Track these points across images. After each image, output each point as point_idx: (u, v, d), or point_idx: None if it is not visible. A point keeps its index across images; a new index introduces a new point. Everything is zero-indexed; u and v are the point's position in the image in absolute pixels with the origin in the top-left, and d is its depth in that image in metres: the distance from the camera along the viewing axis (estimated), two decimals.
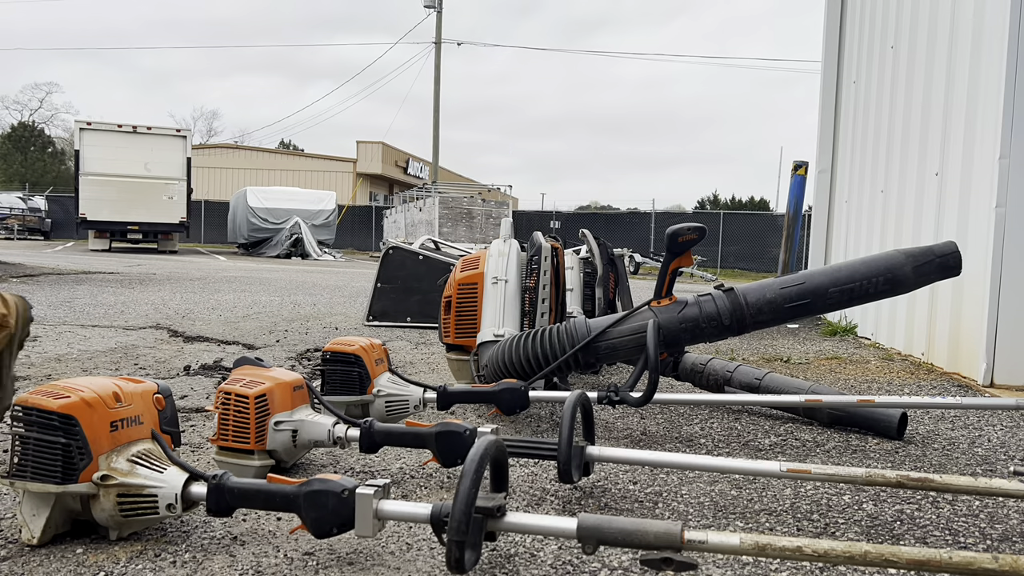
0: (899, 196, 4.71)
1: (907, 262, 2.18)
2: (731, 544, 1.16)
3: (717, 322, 2.25)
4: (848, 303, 2.25)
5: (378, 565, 1.37)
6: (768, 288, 2.27)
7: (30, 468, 1.38)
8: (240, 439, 1.75)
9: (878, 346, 4.79)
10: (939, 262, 2.17)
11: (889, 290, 2.20)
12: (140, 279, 8.81)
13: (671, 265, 2.29)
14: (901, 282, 2.18)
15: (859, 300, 2.23)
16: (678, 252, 2.25)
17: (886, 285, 2.18)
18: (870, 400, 2.34)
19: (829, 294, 2.20)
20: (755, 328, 2.30)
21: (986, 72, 3.51)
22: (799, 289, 2.23)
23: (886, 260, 2.21)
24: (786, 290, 2.24)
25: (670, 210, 29.17)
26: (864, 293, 2.20)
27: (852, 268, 2.22)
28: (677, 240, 2.22)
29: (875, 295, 2.21)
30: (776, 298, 2.24)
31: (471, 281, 2.81)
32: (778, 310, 2.24)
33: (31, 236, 27.18)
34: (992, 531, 1.61)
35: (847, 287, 2.19)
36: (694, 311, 2.26)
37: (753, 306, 2.24)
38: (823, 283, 2.22)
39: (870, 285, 2.19)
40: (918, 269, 2.17)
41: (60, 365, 3.30)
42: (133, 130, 18.51)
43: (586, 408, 1.87)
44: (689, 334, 2.28)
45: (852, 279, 2.19)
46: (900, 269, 2.17)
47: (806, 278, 2.25)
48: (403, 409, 2.28)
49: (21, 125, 47.79)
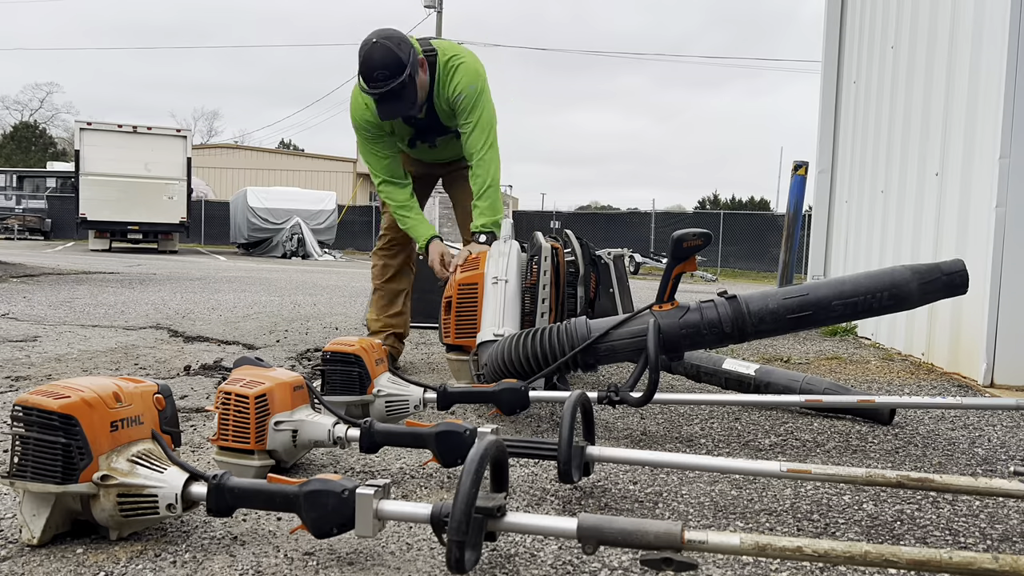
0: (899, 196, 4.71)
1: (912, 279, 2.16)
2: (731, 544, 1.16)
3: (718, 329, 2.24)
4: (851, 317, 2.24)
5: (378, 565, 1.37)
6: (771, 298, 2.25)
7: (30, 468, 1.38)
8: (240, 439, 1.75)
9: (878, 346, 4.80)
10: (945, 280, 2.16)
11: (893, 305, 2.19)
12: (140, 279, 8.81)
13: (675, 270, 2.27)
14: (905, 298, 2.17)
15: (863, 314, 2.22)
16: (682, 257, 2.23)
17: (890, 301, 2.17)
18: (870, 400, 2.35)
19: (832, 307, 2.19)
20: (756, 337, 2.30)
21: (986, 72, 3.51)
22: (801, 300, 2.21)
23: (891, 276, 2.19)
24: (789, 300, 2.22)
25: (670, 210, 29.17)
26: (868, 307, 2.19)
27: (856, 282, 2.21)
28: (682, 245, 2.20)
29: (879, 310, 2.20)
30: (778, 308, 2.23)
31: (471, 281, 2.81)
32: (780, 320, 2.23)
33: (31, 236, 27.18)
34: (992, 531, 1.61)
35: (851, 301, 2.18)
36: (695, 317, 2.25)
37: (755, 315, 2.23)
38: (827, 295, 2.20)
39: (874, 300, 2.17)
40: (924, 287, 2.16)
41: (60, 365, 3.30)
42: (133, 130, 18.52)
43: (586, 408, 1.87)
44: (689, 340, 2.27)
45: (856, 293, 2.18)
46: (905, 286, 2.16)
47: (810, 290, 2.23)
48: (403, 409, 2.28)
49: (24, 125, 47.77)
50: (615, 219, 27.33)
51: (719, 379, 2.87)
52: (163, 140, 18.85)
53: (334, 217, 23.19)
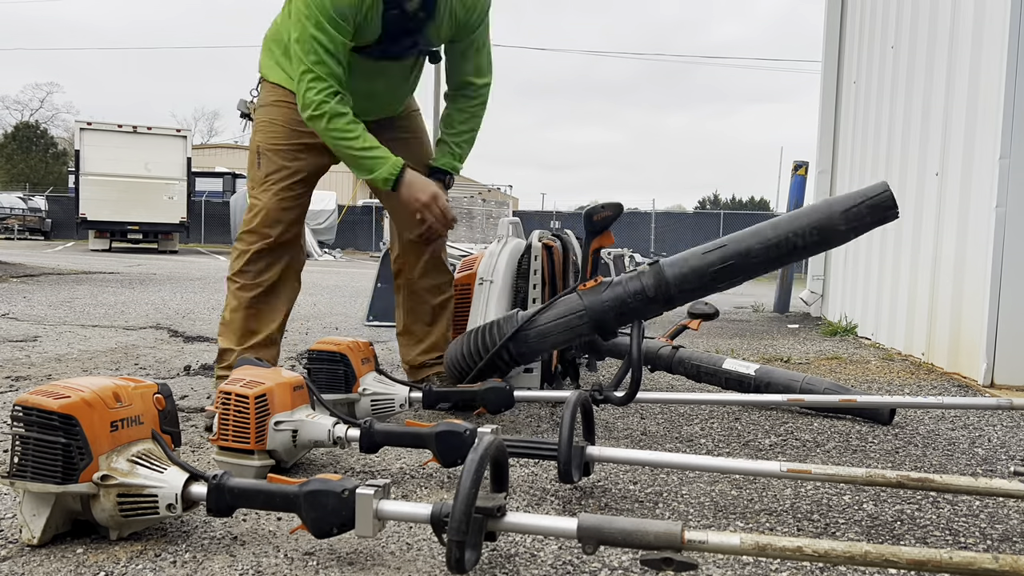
0: (899, 196, 4.68)
1: (836, 207, 2.05)
2: (731, 544, 1.16)
3: (642, 295, 2.18)
4: (777, 261, 2.11)
5: (378, 565, 1.37)
6: (692, 255, 2.17)
7: (30, 468, 1.38)
8: (240, 439, 1.75)
9: (878, 346, 4.80)
10: (869, 203, 2.03)
11: (821, 242, 2.06)
12: (140, 279, 8.81)
13: (592, 245, 2.26)
14: (831, 230, 2.03)
15: (789, 257, 2.11)
16: (596, 231, 2.22)
17: (815, 236, 2.04)
18: (851, 400, 2.37)
19: (754, 252, 2.08)
20: (684, 299, 2.22)
21: (986, 72, 3.51)
22: (722, 252, 2.11)
23: (811, 211, 2.08)
24: (709, 254, 2.13)
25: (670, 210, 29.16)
26: (793, 248, 2.06)
27: (776, 224, 2.10)
28: (592, 219, 2.20)
29: (804, 249, 2.08)
30: (700, 264, 2.13)
31: (465, 282, 2.83)
32: (703, 276, 2.14)
33: (31, 236, 27.18)
34: (992, 531, 1.61)
35: (772, 243, 2.07)
36: (618, 290, 2.21)
37: (676, 275, 2.15)
38: (747, 242, 2.10)
39: (797, 238, 2.05)
40: (847, 214, 2.02)
41: (60, 365, 3.30)
42: (133, 130, 18.50)
43: (586, 408, 1.88)
44: (615, 312, 2.21)
45: (777, 234, 2.07)
46: (828, 219, 2.04)
47: (728, 240, 2.14)
48: (388, 408, 2.28)
49: (25, 125, 47.75)
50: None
51: (719, 379, 2.87)
52: (163, 140, 18.83)
53: (334, 217, 23.19)
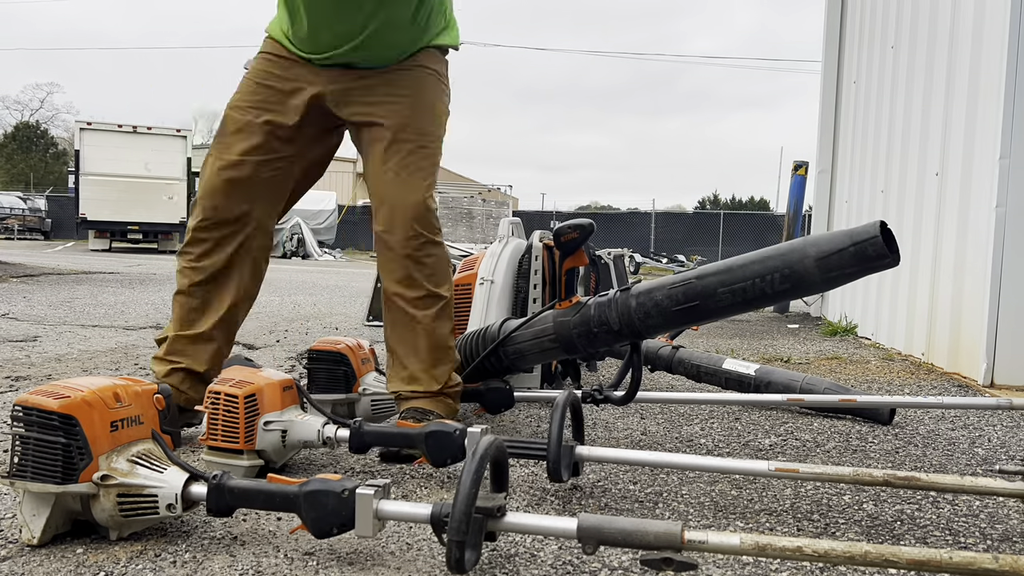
0: (899, 196, 4.72)
1: (809, 252, 1.72)
2: (731, 544, 1.16)
3: (607, 327, 2.03)
4: (743, 306, 1.85)
5: (378, 565, 1.37)
6: (658, 289, 1.94)
7: (30, 468, 1.38)
8: (229, 439, 1.74)
9: (878, 346, 4.80)
10: (853, 251, 1.66)
11: (790, 289, 1.77)
12: (140, 279, 8.81)
13: (564, 265, 2.22)
14: (803, 278, 1.73)
15: (756, 303, 1.84)
16: (567, 252, 2.19)
17: (784, 284, 1.75)
18: (851, 400, 2.36)
19: (719, 295, 1.83)
20: (653, 333, 2.01)
21: (986, 72, 3.51)
22: (686, 289, 1.88)
23: (784, 253, 1.77)
24: (675, 290, 1.90)
25: (670, 210, 29.19)
26: (760, 294, 1.79)
27: (744, 265, 1.82)
28: (561, 240, 2.17)
29: (773, 296, 1.80)
30: (663, 300, 1.91)
31: (465, 282, 2.83)
32: (666, 314, 1.92)
33: (31, 236, 27.19)
34: (992, 531, 1.61)
35: (738, 287, 1.80)
36: (587, 314, 2.08)
37: (639, 309, 1.95)
38: (711, 283, 1.84)
39: (765, 284, 1.77)
40: (823, 262, 1.69)
41: (60, 365, 3.30)
42: (133, 130, 18.50)
43: (576, 408, 1.88)
44: (584, 339, 2.10)
45: (745, 277, 1.79)
46: (799, 263, 1.73)
47: (698, 276, 1.89)
48: (389, 407, 2.28)
49: (25, 125, 47.75)
50: (615, 219, 27.33)
51: (719, 379, 2.87)
52: (163, 140, 18.83)
53: (334, 217, 23.20)
